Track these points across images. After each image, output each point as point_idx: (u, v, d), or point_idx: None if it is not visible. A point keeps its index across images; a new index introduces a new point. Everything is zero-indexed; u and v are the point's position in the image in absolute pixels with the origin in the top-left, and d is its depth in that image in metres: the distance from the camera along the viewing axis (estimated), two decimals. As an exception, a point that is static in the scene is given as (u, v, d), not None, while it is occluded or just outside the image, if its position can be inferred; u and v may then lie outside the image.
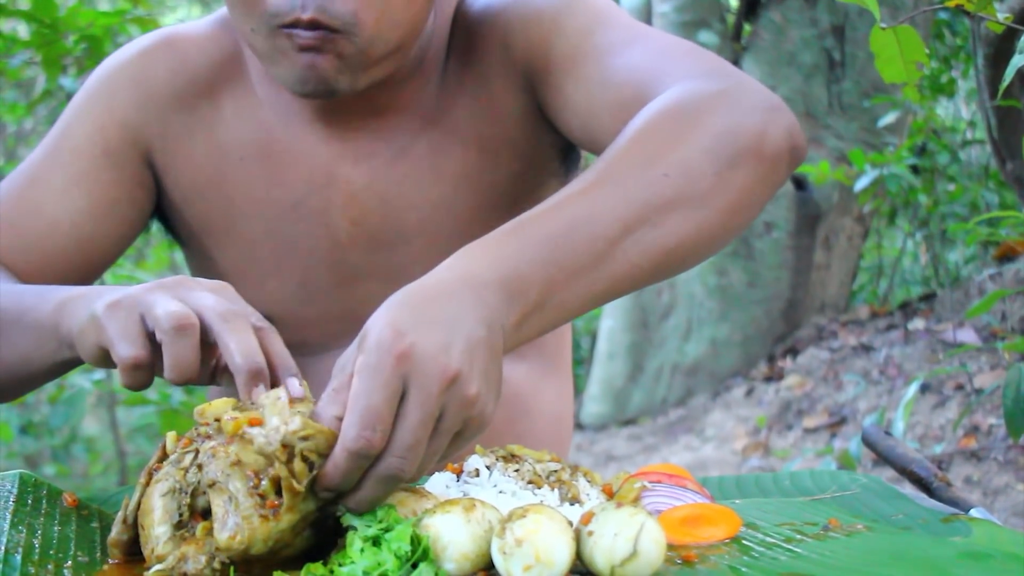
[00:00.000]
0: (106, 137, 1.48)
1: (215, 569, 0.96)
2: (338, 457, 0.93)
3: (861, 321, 5.46)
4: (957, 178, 5.36)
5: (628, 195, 1.09)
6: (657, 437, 5.20)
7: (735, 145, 1.15)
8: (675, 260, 1.13)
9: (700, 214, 1.12)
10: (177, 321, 1.04)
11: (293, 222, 1.48)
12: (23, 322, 1.22)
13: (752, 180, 1.16)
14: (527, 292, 1.03)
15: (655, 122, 1.17)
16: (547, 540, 0.92)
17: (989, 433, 3.88)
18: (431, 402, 0.93)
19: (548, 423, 1.61)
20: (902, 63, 1.56)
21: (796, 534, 1.09)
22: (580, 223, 1.07)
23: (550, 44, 1.40)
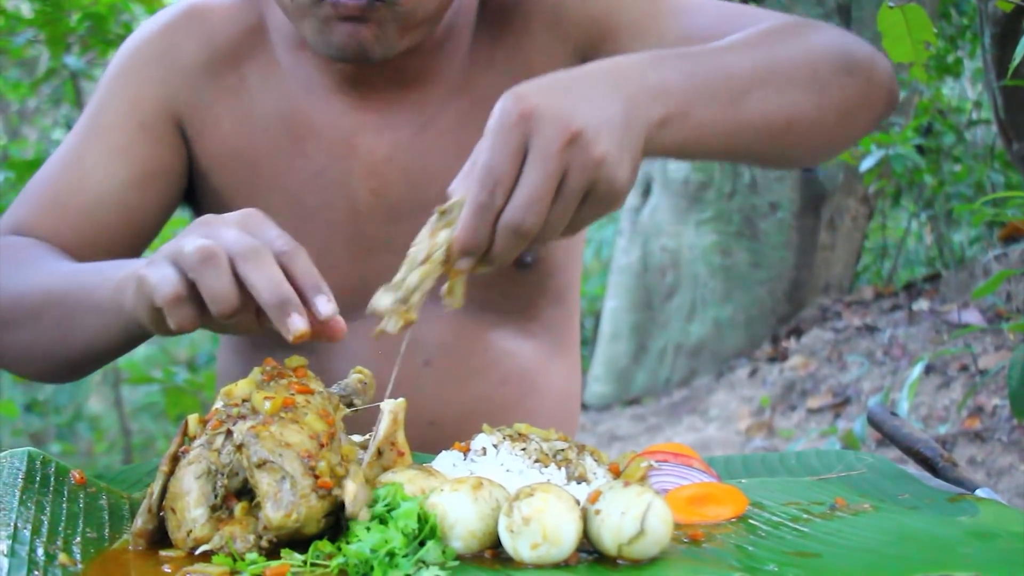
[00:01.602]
0: (140, 110, 1.49)
1: (262, 548, 0.96)
2: (466, 215, 1.01)
3: (865, 302, 5.46)
4: (963, 158, 5.35)
5: (759, 60, 1.19)
6: (661, 417, 5.20)
7: (851, 59, 1.26)
8: (791, 133, 1.21)
9: (817, 98, 1.22)
10: (200, 254, 1.04)
11: (314, 192, 1.48)
12: (87, 304, 1.24)
13: (861, 93, 1.27)
14: (669, 97, 1.09)
15: (779, 25, 1.27)
16: (554, 519, 0.92)
17: (993, 414, 3.88)
18: (551, 158, 0.99)
19: (556, 401, 1.61)
20: (910, 42, 1.55)
21: (803, 513, 1.09)
22: (718, 63, 1.15)
23: (615, 13, 1.42)
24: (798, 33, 1.27)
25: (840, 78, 1.25)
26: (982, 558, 0.90)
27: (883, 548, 0.96)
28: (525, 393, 1.56)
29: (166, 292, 1.06)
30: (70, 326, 1.27)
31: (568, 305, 1.63)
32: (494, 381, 1.53)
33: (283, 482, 0.96)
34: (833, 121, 1.26)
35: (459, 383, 1.51)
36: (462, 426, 1.19)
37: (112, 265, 1.27)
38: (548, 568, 0.92)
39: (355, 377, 1.18)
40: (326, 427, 1.01)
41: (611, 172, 1.02)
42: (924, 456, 1.33)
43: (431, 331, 1.48)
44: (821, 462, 1.30)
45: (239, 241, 1.05)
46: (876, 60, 1.30)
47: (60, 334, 1.29)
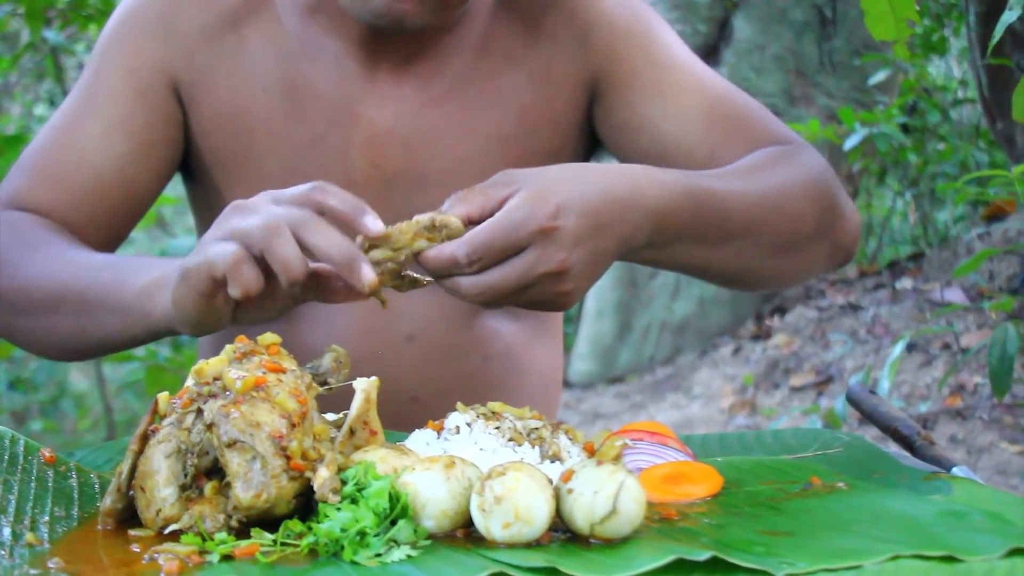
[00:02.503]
0: (138, 78, 1.48)
1: (232, 527, 0.96)
2: (443, 252, 1.10)
3: (849, 280, 5.47)
4: (947, 137, 5.34)
5: (753, 212, 1.29)
6: (644, 395, 5.21)
7: (828, 221, 1.38)
8: (749, 277, 1.38)
9: (785, 259, 1.36)
10: (266, 228, 1.07)
11: (310, 158, 1.47)
12: (108, 304, 1.26)
13: (824, 257, 1.41)
14: (666, 231, 1.21)
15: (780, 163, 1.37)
16: (526, 498, 0.91)
17: (974, 392, 3.90)
18: (531, 275, 1.10)
19: (538, 382, 1.60)
20: (892, 20, 1.54)
21: (777, 492, 1.09)
22: (723, 206, 1.26)
23: (637, 65, 1.47)
24: (791, 177, 1.36)
25: (811, 244, 1.38)
26: (953, 537, 0.90)
27: (855, 527, 0.95)
28: (507, 372, 1.56)
29: (228, 260, 1.08)
30: (89, 322, 1.30)
31: None
32: (477, 359, 1.53)
33: (253, 462, 0.96)
34: (790, 275, 1.42)
35: (442, 359, 1.50)
36: (444, 402, 1.19)
37: (131, 264, 1.29)
38: (520, 547, 0.92)
39: (329, 356, 1.17)
40: (298, 406, 1.01)
41: (566, 300, 1.15)
42: (902, 434, 1.33)
43: (415, 306, 1.48)
44: (798, 441, 1.30)
45: (289, 212, 1.09)
46: (847, 221, 1.42)
47: (78, 327, 1.32)
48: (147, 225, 5.94)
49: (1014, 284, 4.23)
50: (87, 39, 4.39)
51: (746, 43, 5.73)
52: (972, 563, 0.85)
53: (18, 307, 1.37)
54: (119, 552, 0.94)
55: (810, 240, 1.37)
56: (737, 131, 1.44)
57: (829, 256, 1.42)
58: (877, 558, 0.85)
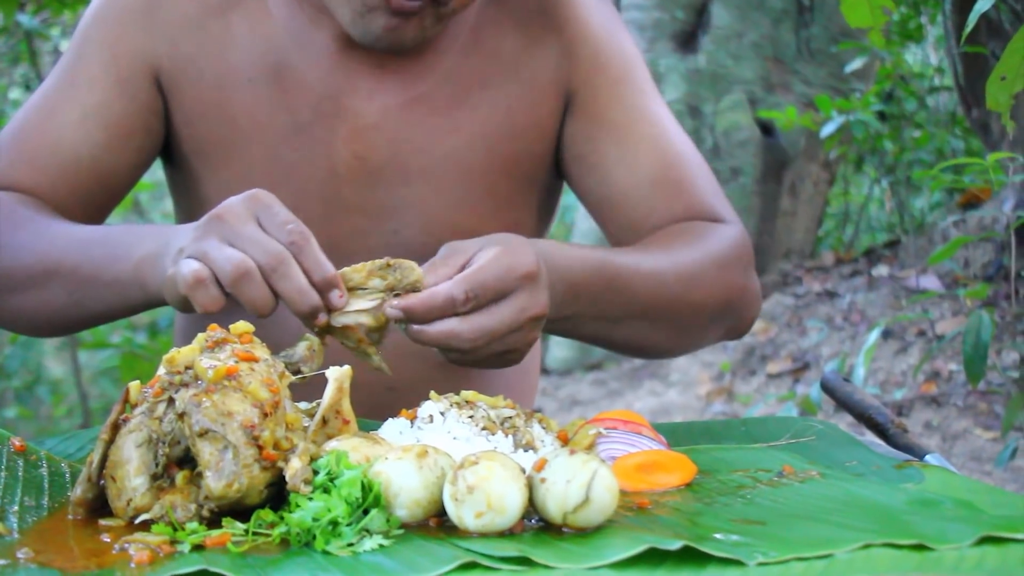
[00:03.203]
0: (118, 65, 1.47)
1: (203, 517, 0.96)
2: (437, 293, 1.14)
3: (826, 267, 5.48)
4: (924, 125, 5.36)
5: (656, 296, 1.36)
6: (622, 382, 5.21)
7: (729, 306, 1.45)
8: (644, 350, 1.47)
9: (682, 338, 1.45)
10: (236, 272, 1.11)
11: (294, 148, 1.46)
12: (103, 278, 1.29)
13: (719, 335, 1.49)
14: (571, 304, 1.28)
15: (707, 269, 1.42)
16: (499, 487, 0.91)
17: (949, 379, 3.92)
18: (522, 318, 1.17)
19: (515, 371, 1.60)
20: (868, 7, 1.54)
21: (750, 481, 1.09)
22: (629, 287, 1.33)
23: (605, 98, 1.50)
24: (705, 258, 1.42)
25: (708, 328, 1.46)
26: (925, 526, 0.90)
27: (827, 515, 0.96)
28: None
29: (189, 281, 1.13)
30: (84, 296, 1.32)
31: None
32: None
33: (225, 452, 0.95)
34: (682, 350, 1.52)
35: (419, 348, 1.49)
36: (420, 392, 1.19)
37: (124, 237, 1.32)
38: (493, 536, 0.92)
39: (303, 344, 1.17)
40: (270, 395, 1.00)
41: (523, 354, 1.22)
42: (875, 422, 1.33)
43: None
44: (771, 429, 1.30)
45: (265, 252, 1.12)
46: (751, 303, 1.49)
47: (73, 302, 1.34)
48: (123, 210, 5.92)
49: (989, 271, 4.25)
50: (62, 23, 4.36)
51: (724, 30, 5.73)
52: (943, 551, 0.85)
53: (7, 285, 1.37)
54: (89, 542, 0.93)
55: (708, 324, 1.45)
56: (680, 196, 1.49)
57: (722, 335, 1.50)
58: (848, 547, 0.85)
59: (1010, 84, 1.42)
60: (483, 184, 1.49)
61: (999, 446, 3.35)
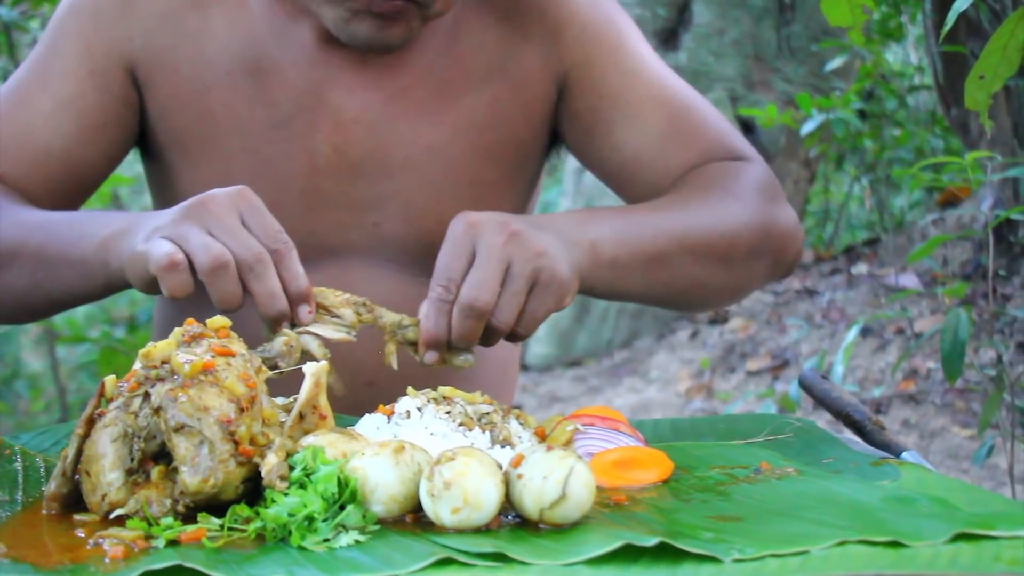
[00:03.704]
0: (92, 57, 1.46)
1: (179, 512, 0.95)
2: (427, 310, 1.18)
3: (806, 265, 5.49)
4: (904, 123, 5.37)
5: (684, 230, 1.36)
6: (602, 379, 5.22)
7: (768, 237, 1.42)
8: (694, 294, 1.43)
9: (726, 273, 1.41)
10: (213, 263, 1.13)
11: (273, 142, 1.46)
12: (67, 258, 1.29)
13: (766, 271, 1.45)
14: (600, 256, 1.28)
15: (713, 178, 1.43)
16: (475, 483, 0.91)
17: (927, 377, 3.93)
18: (495, 248, 1.16)
19: (496, 367, 1.60)
20: (847, 6, 1.54)
21: (727, 477, 1.09)
22: (648, 225, 1.34)
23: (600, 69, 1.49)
24: (729, 196, 1.41)
25: (751, 260, 1.42)
26: (900, 523, 0.90)
27: (803, 512, 0.96)
28: None
29: (161, 264, 1.14)
30: (47, 276, 1.32)
31: None
32: None
33: (201, 447, 0.95)
34: (734, 289, 1.47)
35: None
36: (400, 388, 1.18)
37: (88, 219, 1.32)
38: (469, 532, 0.92)
39: (280, 339, 1.17)
40: (247, 391, 1.00)
41: (552, 263, 1.19)
42: (853, 419, 1.34)
43: (374, 291, 1.47)
44: (749, 426, 1.30)
45: (245, 248, 1.15)
46: (789, 234, 1.46)
47: (35, 283, 1.34)
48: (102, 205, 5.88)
49: (967, 270, 4.27)
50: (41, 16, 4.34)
51: (705, 28, 5.74)
52: (917, 548, 0.85)
53: None
54: (64, 537, 0.93)
55: (748, 256, 1.41)
56: (693, 144, 1.48)
57: (769, 269, 1.46)
58: (824, 543, 0.86)
59: (988, 83, 1.42)
60: (466, 174, 1.48)
61: (976, 444, 3.37)
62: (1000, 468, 3.27)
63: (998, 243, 3.77)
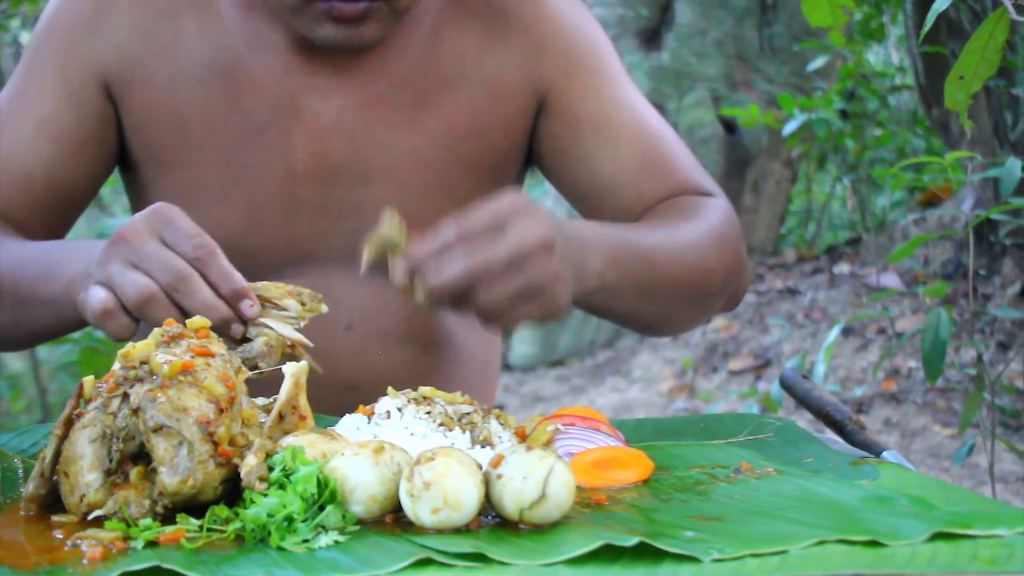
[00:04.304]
0: (68, 77, 1.45)
1: (157, 513, 0.95)
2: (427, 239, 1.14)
3: (788, 265, 5.51)
4: (885, 123, 5.39)
5: (679, 262, 1.37)
6: (584, 378, 5.22)
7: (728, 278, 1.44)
8: (654, 324, 1.47)
9: (691, 309, 1.45)
10: (140, 298, 1.13)
11: (250, 150, 1.44)
12: (40, 297, 1.30)
13: (719, 306, 1.49)
14: (604, 284, 1.26)
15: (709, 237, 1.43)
16: (455, 483, 0.91)
17: (909, 376, 3.95)
18: (523, 244, 1.11)
19: (475, 369, 1.60)
20: (828, 7, 1.55)
21: (707, 477, 1.09)
22: (650, 258, 1.33)
23: (581, 91, 1.50)
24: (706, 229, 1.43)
25: (717, 297, 1.46)
26: (878, 522, 0.91)
27: (783, 512, 0.96)
28: (447, 361, 1.55)
29: (97, 311, 1.15)
30: (25, 315, 1.33)
31: None
32: (416, 348, 1.52)
33: (180, 447, 0.95)
34: (695, 321, 1.53)
35: (380, 349, 1.49)
36: (381, 391, 1.18)
37: (57, 257, 1.31)
38: (449, 533, 0.91)
39: (260, 339, 1.16)
40: (226, 391, 1.00)
41: (559, 287, 1.15)
42: (833, 419, 1.34)
43: (355, 294, 1.47)
44: (730, 426, 1.30)
45: (165, 270, 1.13)
46: (747, 272, 1.51)
47: (16, 320, 1.35)
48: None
49: (948, 269, 4.29)
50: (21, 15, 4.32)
51: (687, 28, 5.75)
52: (896, 547, 0.85)
53: None
54: (42, 538, 0.93)
55: (716, 293, 1.44)
56: (667, 176, 1.49)
57: (725, 305, 1.50)
58: (803, 543, 0.86)
59: (968, 84, 1.43)
60: (445, 181, 1.47)
61: (957, 443, 3.38)
62: (981, 467, 3.29)
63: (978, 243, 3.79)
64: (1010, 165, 2.49)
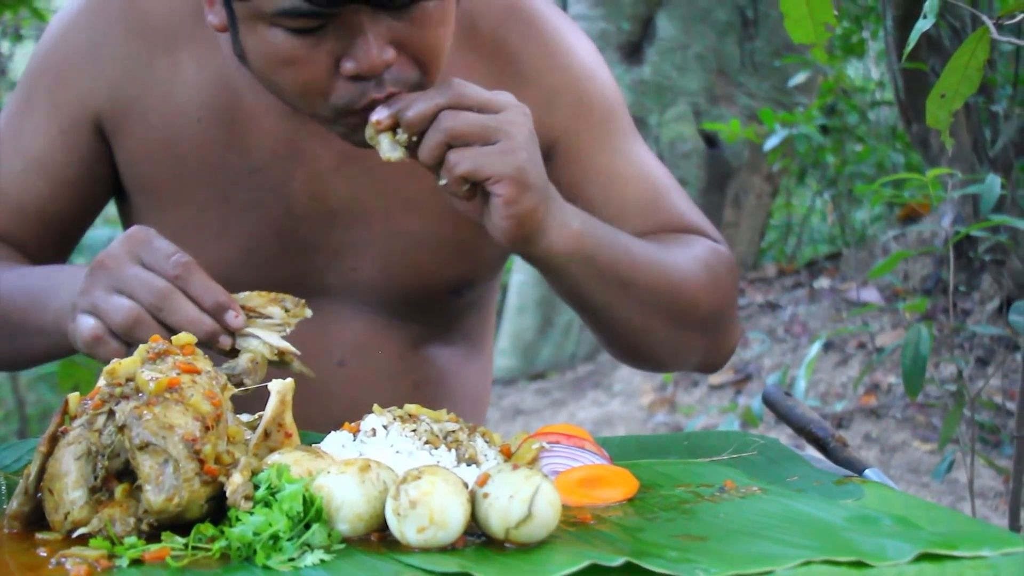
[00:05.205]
0: (60, 114, 1.44)
1: (142, 531, 0.95)
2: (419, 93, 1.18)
3: (768, 279, 5.53)
4: (865, 138, 5.42)
5: (664, 272, 1.35)
6: (565, 392, 5.22)
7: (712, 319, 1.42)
8: (629, 338, 1.41)
9: (668, 333, 1.39)
10: (126, 322, 1.14)
11: (248, 189, 1.42)
12: (31, 326, 1.33)
13: (702, 348, 1.45)
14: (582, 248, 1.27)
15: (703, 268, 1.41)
16: (441, 502, 0.91)
17: (888, 391, 3.96)
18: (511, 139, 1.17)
19: (468, 402, 1.59)
20: (811, 24, 1.55)
21: (692, 496, 1.10)
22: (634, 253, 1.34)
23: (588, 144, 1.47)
24: (698, 264, 1.41)
25: (697, 332, 1.42)
26: (864, 543, 0.91)
27: (768, 532, 0.96)
28: (438, 398, 1.53)
29: (87, 339, 1.17)
30: (22, 343, 1.36)
31: (487, 310, 1.63)
32: (407, 385, 1.51)
33: (166, 465, 0.94)
34: (670, 353, 1.45)
35: (372, 385, 1.48)
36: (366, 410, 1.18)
37: (44, 287, 1.33)
38: (435, 551, 0.91)
39: (246, 356, 1.16)
40: (212, 409, 0.99)
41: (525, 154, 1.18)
42: (816, 436, 1.34)
43: (348, 331, 1.46)
44: (714, 444, 1.30)
45: (147, 291, 1.15)
46: (734, 328, 1.49)
47: (14, 347, 1.39)
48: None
49: (927, 285, 4.31)
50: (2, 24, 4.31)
51: (669, 42, 5.77)
52: (882, 568, 0.86)
53: None
54: (25, 556, 0.92)
55: (698, 324, 1.41)
56: (669, 221, 1.47)
57: (704, 352, 1.46)
58: (789, 563, 0.86)
59: (949, 102, 1.43)
60: (444, 229, 1.44)
61: (937, 458, 3.39)
62: (960, 483, 3.30)
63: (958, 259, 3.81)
64: (990, 182, 2.50)
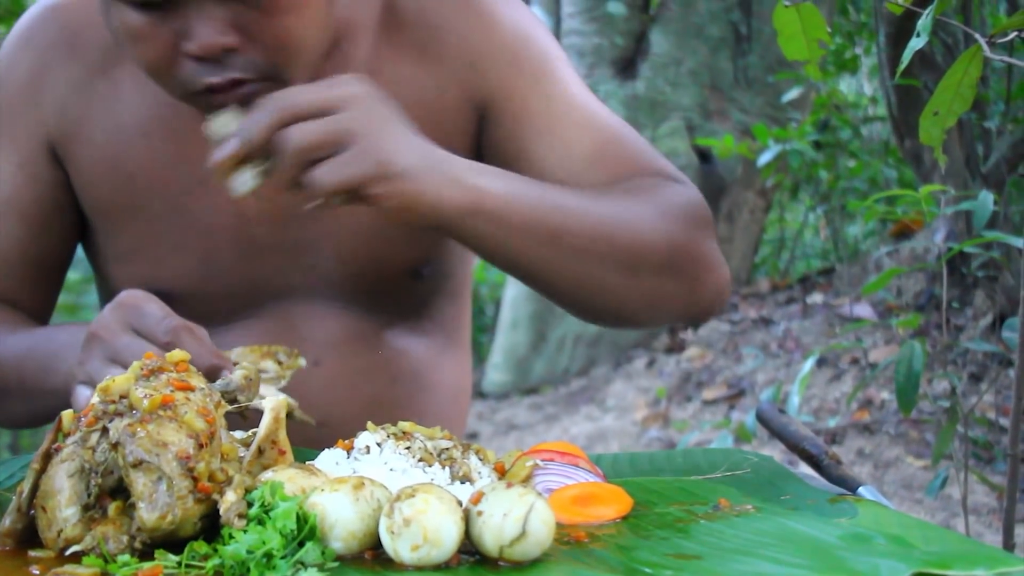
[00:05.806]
0: (17, 149, 1.45)
1: (136, 549, 0.94)
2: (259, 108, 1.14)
3: (762, 294, 5.53)
4: (858, 154, 5.44)
5: (591, 216, 1.28)
6: (558, 407, 5.22)
7: (683, 259, 1.34)
8: (586, 294, 1.32)
9: (624, 283, 1.31)
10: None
11: (198, 198, 1.43)
12: (43, 389, 1.34)
13: (678, 294, 1.36)
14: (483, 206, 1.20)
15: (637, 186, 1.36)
16: (435, 520, 0.91)
17: (882, 407, 3.96)
18: (349, 135, 1.12)
19: (446, 397, 1.59)
20: (804, 40, 1.56)
21: (686, 514, 1.09)
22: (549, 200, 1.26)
23: (522, 96, 1.44)
24: (648, 204, 1.33)
25: (661, 276, 1.33)
26: (857, 562, 0.91)
27: (763, 550, 0.96)
28: (417, 391, 1.54)
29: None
30: (36, 404, 1.37)
31: (461, 301, 1.62)
32: (385, 380, 1.51)
33: (159, 483, 0.94)
34: (640, 304, 1.36)
35: (350, 383, 1.48)
36: (352, 426, 1.17)
37: (50, 350, 1.34)
38: (429, 570, 0.91)
39: (239, 373, 1.16)
40: (206, 426, 0.99)
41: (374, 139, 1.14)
42: (809, 453, 1.34)
43: (320, 331, 1.46)
44: (708, 461, 1.30)
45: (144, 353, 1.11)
46: (708, 262, 1.38)
47: (30, 409, 1.40)
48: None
49: (920, 301, 4.32)
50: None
51: (662, 57, 5.79)
52: (875, 587, 0.86)
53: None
54: (18, 574, 0.92)
55: (657, 270, 1.33)
56: (621, 165, 1.42)
57: (684, 294, 1.38)
58: (783, 582, 0.86)
59: (942, 119, 1.44)
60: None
61: (930, 475, 3.39)
62: (954, 499, 3.30)
63: (951, 275, 3.81)
64: (983, 198, 2.52)
